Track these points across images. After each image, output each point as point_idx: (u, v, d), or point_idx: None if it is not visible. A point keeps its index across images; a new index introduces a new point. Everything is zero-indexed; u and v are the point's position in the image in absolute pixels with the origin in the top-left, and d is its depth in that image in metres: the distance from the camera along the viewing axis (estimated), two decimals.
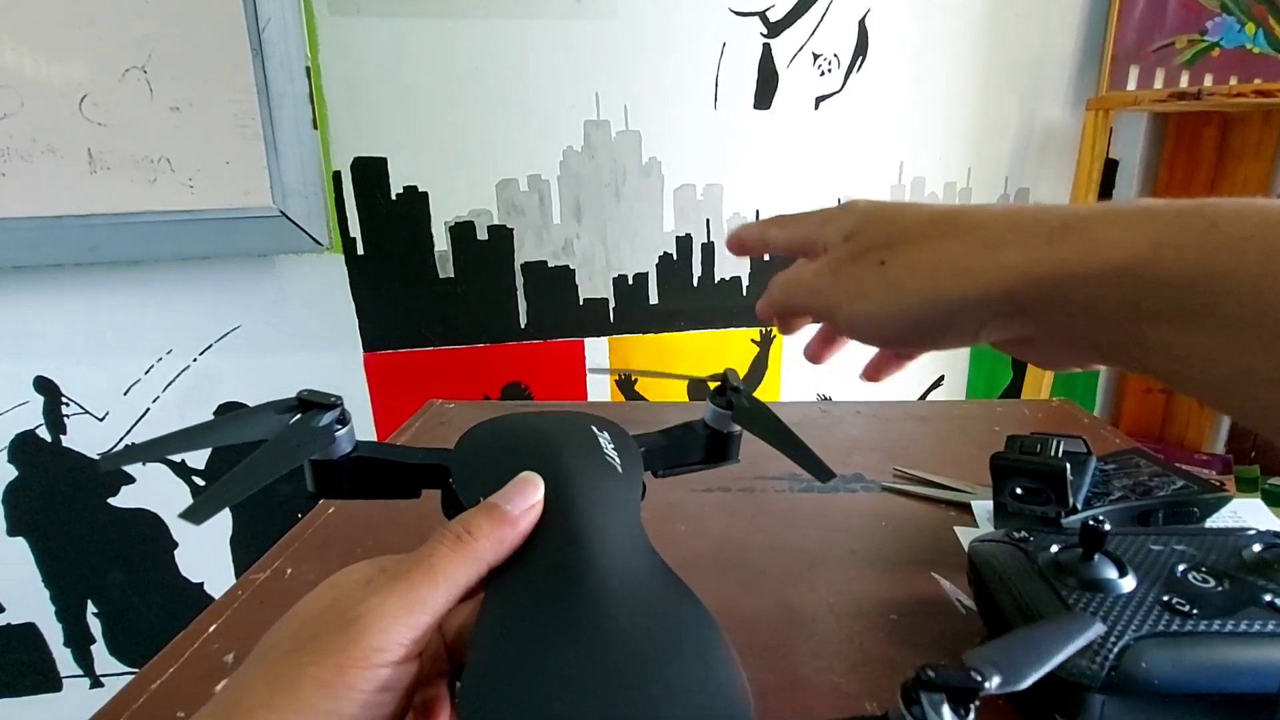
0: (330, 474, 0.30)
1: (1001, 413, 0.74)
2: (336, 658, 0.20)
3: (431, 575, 0.22)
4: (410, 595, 0.21)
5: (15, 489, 1.13)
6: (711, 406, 0.37)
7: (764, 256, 1.24)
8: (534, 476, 0.26)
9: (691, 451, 0.37)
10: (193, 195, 1.00)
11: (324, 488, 0.30)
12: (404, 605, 0.21)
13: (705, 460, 0.38)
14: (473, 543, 0.23)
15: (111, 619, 1.22)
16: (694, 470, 0.38)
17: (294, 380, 1.17)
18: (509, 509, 0.24)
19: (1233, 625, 0.29)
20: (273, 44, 0.97)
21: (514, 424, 0.32)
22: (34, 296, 1.06)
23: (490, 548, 0.23)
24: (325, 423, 0.28)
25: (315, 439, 0.28)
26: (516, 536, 0.24)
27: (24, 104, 0.93)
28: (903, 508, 0.54)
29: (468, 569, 0.23)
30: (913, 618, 0.40)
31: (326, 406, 0.28)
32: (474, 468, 0.29)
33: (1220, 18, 1.17)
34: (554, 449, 0.29)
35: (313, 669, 0.19)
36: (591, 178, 1.16)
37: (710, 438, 0.37)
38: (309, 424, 0.28)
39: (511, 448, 0.30)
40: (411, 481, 0.31)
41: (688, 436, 0.37)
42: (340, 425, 0.29)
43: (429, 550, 0.23)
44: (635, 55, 1.11)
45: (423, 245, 1.15)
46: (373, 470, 0.31)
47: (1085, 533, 0.33)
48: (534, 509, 0.25)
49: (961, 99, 1.21)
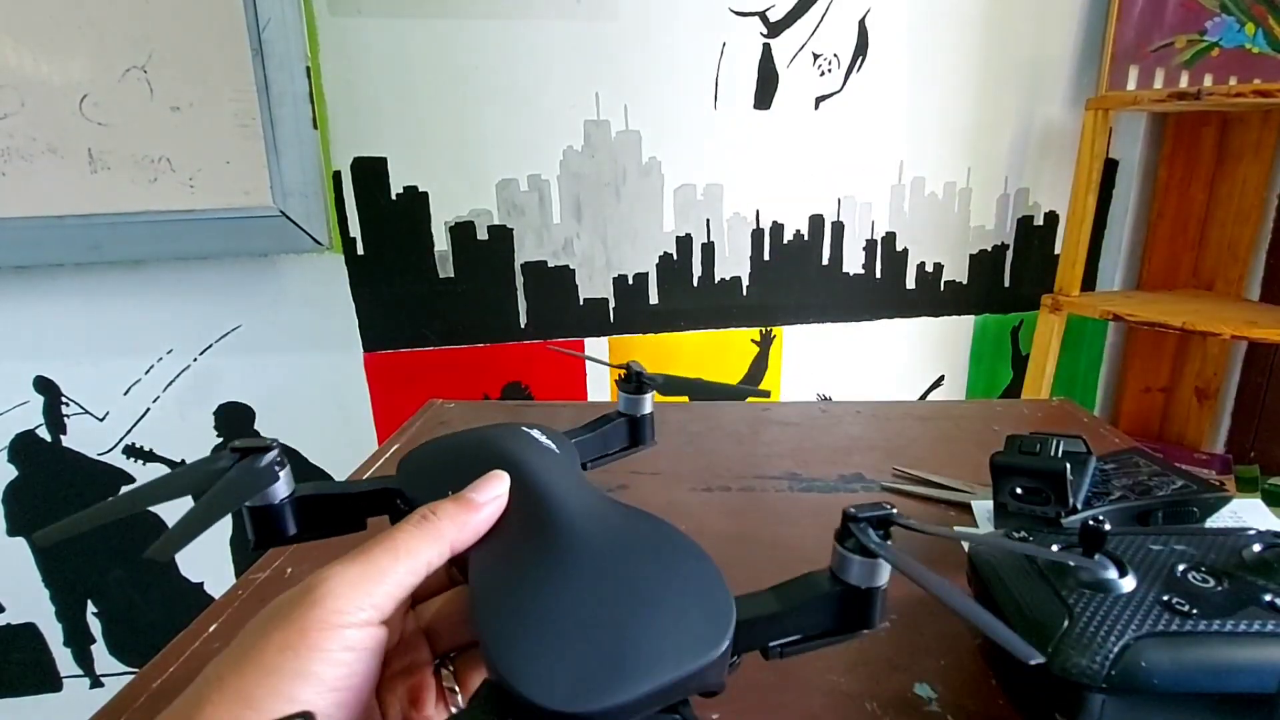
0: (272, 519, 0.30)
1: (1001, 412, 0.74)
2: (298, 621, 0.21)
3: (392, 548, 0.23)
4: (370, 565, 0.22)
5: (15, 489, 1.14)
6: (623, 394, 0.42)
7: (764, 256, 1.24)
8: (500, 473, 0.28)
9: (614, 440, 0.42)
10: (193, 195, 1.00)
11: (265, 535, 0.30)
12: (363, 574, 0.22)
13: (627, 446, 0.43)
14: (436, 521, 0.25)
15: (111, 619, 1.22)
16: (616, 458, 0.42)
17: (294, 380, 1.17)
18: (474, 496, 0.26)
19: (1233, 625, 0.29)
20: (273, 44, 0.97)
21: (454, 440, 0.34)
22: (34, 296, 1.06)
23: (452, 527, 0.25)
24: (266, 462, 0.29)
25: (261, 477, 0.29)
26: (480, 521, 0.26)
27: (24, 104, 0.93)
28: (903, 507, 0.54)
29: (429, 545, 0.24)
30: (913, 618, 0.40)
31: (264, 449, 0.29)
32: (427, 480, 0.30)
33: (1220, 18, 1.17)
34: (499, 446, 0.31)
35: (277, 635, 0.20)
36: (591, 177, 1.16)
37: (628, 423, 0.42)
38: (252, 465, 0.29)
39: (461, 455, 0.32)
40: (358, 511, 0.32)
41: (608, 427, 0.41)
42: (279, 466, 0.30)
43: (395, 529, 0.24)
44: (635, 55, 1.11)
45: (423, 245, 1.15)
46: (317, 507, 0.31)
47: (1085, 533, 0.33)
48: (499, 499, 0.27)
49: (961, 99, 1.21)
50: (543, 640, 0.21)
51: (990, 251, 1.31)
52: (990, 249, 1.31)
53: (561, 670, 0.20)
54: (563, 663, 0.20)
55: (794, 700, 0.34)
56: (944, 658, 0.37)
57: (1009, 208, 1.29)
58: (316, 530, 0.31)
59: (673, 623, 0.22)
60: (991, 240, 1.30)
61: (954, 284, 1.32)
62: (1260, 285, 1.30)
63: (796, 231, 1.24)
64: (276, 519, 0.30)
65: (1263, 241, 1.29)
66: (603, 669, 0.20)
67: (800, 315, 1.29)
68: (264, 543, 0.30)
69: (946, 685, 0.35)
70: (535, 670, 0.20)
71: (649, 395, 0.42)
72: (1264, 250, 1.29)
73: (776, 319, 1.28)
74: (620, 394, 0.42)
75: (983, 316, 1.35)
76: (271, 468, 0.29)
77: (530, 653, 0.20)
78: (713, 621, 0.23)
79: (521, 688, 0.19)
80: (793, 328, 1.29)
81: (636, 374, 0.42)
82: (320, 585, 0.22)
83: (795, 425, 0.72)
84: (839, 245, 1.26)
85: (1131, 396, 1.42)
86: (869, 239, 1.27)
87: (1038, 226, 1.31)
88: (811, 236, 1.25)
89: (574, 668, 0.20)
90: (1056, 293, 1.23)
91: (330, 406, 1.19)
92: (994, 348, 1.37)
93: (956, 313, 1.33)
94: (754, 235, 1.23)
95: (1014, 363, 1.38)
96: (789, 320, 1.29)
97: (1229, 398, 1.37)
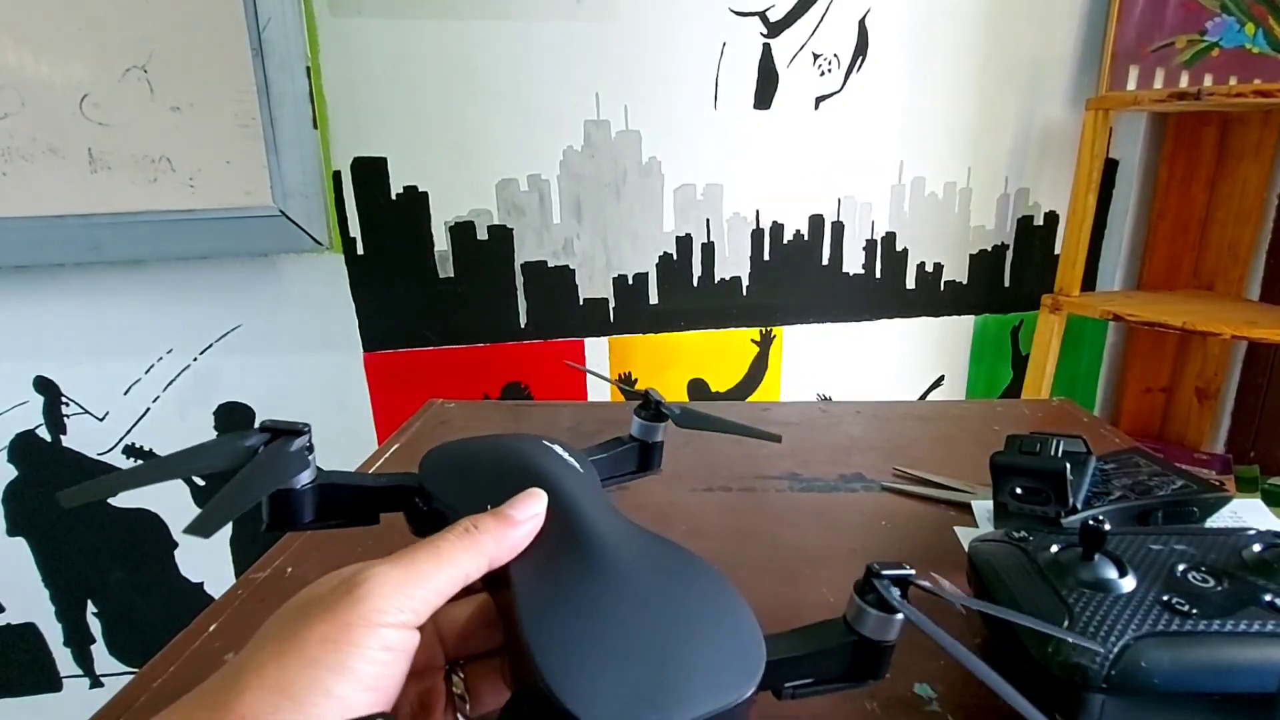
0: (291, 504, 0.29)
1: (1001, 412, 0.74)
2: (341, 616, 0.21)
3: (436, 555, 0.24)
4: (413, 569, 0.23)
5: (15, 489, 1.13)
6: (637, 420, 0.42)
7: (764, 256, 1.24)
8: (539, 491, 0.28)
9: (625, 463, 0.43)
10: (193, 195, 1.00)
11: (281, 519, 0.30)
12: (406, 576, 0.22)
13: (636, 470, 0.43)
14: (479, 535, 0.25)
15: (111, 619, 1.22)
16: (623, 480, 0.43)
17: (294, 380, 1.17)
18: (513, 514, 0.27)
19: (1233, 625, 0.29)
20: (273, 44, 0.97)
21: (480, 445, 0.34)
22: (34, 296, 1.06)
23: (493, 542, 0.25)
24: (298, 447, 0.29)
25: (293, 462, 0.29)
26: (519, 538, 0.26)
27: (24, 104, 0.93)
28: (903, 507, 0.54)
29: (470, 557, 0.24)
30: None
31: (295, 433, 0.29)
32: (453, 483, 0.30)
33: (1220, 18, 1.17)
34: (530, 460, 0.32)
35: (319, 626, 0.21)
36: (591, 177, 1.16)
37: (640, 449, 0.43)
38: (284, 449, 0.28)
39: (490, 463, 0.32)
40: (376, 505, 0.32)
41: (620, 450, 0.42)
42: (309, 451, 0.29)
43: (438, 537, 0.25)
44: (635, 55, 1.11)
45: (423, 245, 1.15)
46: (338, 495, 0.31)
47: (1085, 532, 0.33)
48: (537, 518, 0.27)
49: (961, 99, 1.21)
50: (590, 658, 0.21)
51: (990, 251, 1.31)
52: (990, 249, 1.31)
53: (605, 690, 0.21)
54: (607, 683, 0.21)
55: (794, 700, 0.34)
56: (944, 658, 0.37)
57: (1009, 208, 1.29)
58: (331, 519, 0.31)
59: (710, 658, 0.23)
60: (991, 240, 1.30)
61: (954, 284, 1.32)
62: (1260, 285, 1.30)
63: (796, 231, 1.24)
64: (296, 504, 0.30)
65: (1263, 241, 1.29)
66: (644, 695, 0.21)
67: (800, 315, 1.29)
68: (279, 525, 0.30)
69: (946, 685, 0.35)
70: (581, 686, 0.20)
71: (663, 424, 0.43)
72: (1264, 250, 1.29)
73: (776, 319, 1.28)
74: (635, 420, 0.43)
75: (983, 316, 1.35)
76: (303, 452, 0.29)
77: (577, 669, 0.21)
78: (745, 660, 0.23)
79: (567, 701, 0.20)
80: (793, 328, 1.29)
81: (656, 403, 0.42)
82: (364, 583, 0.22)
83: (795, 425, 0.72)
84: (839, 245, 1.26)
85: (1131, 396, 1.42)
86: (869, 239, 1.27)
87: (1038, 226, 1.31)
88: (811, 236, 1.25)
89: (617, 689, 0.21)
90: (1056, 293, 1.23)
91: (330, 406, 1.19)
92: (994, 348, 1.37)
93: (956, 313, 1.33)
94: (754, 235, 1.23)
95: (1014, 363, 1.38)
96: (789, 320, 1.29)
97: (1229, 398, 1.37)
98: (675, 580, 0.26)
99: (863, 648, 0.26)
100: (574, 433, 0.69)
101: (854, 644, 0.26)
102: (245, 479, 0.26)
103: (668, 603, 0.25)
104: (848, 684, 0.27)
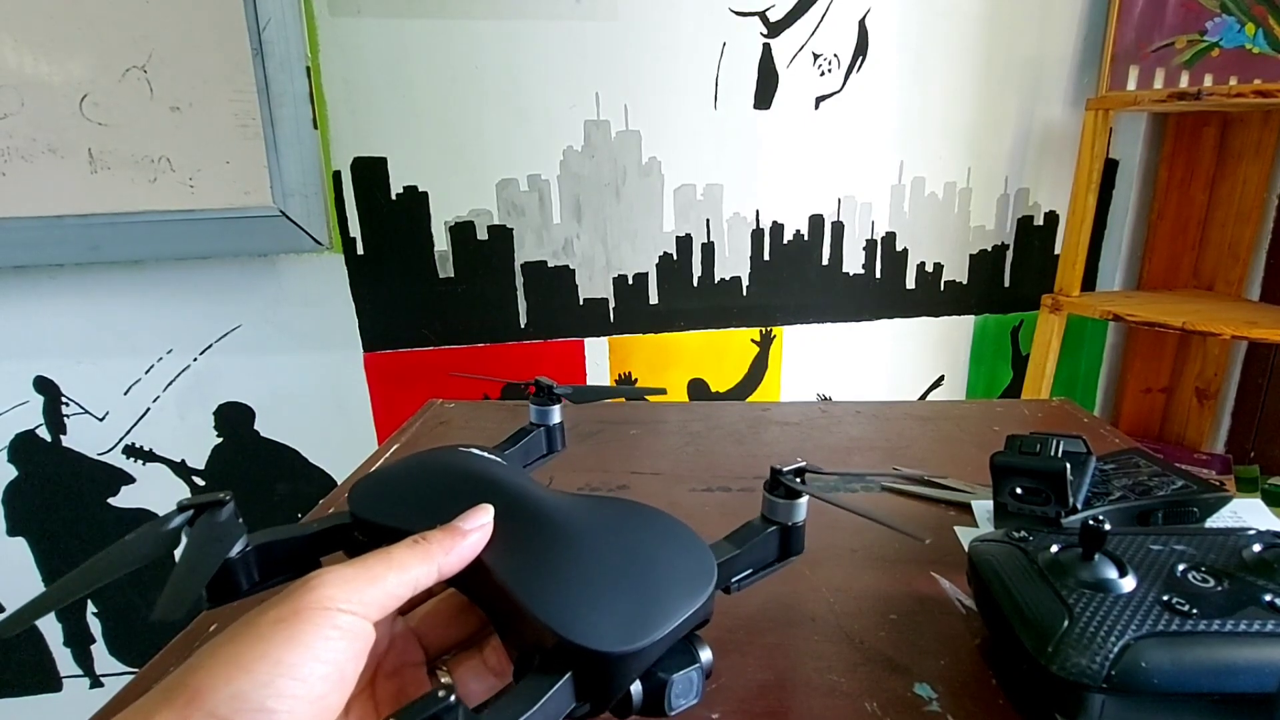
0: (232, 574, 0.29)
1: (1001, 412, 0.74)
2: (294, 603, 0.22)
3: (388, 560, 0.26)
4: (365, 570, 0.25)
5: (15, 489, 1.14)
6: (534, 407, 0.46)
7: (764, 256, 1.24)
8: (486, 506, 0.30)
9: (534, 450, 0.45)
10: (193, 195, 1.00)
11: (222, 592, 0.29)
12: (358, 574, 0.24)
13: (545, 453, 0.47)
14: (427, 545, 0.27)
15: (111, 619, 1.22)
16: (535, 465, 0.46)
17: (294, 380, 1.17)
18: (461, 525, 0.28)
19: (1232, 625, 0.29)
20: (273, 44, 0.97)
21: (406, 466, 0.35)
22: (34, 296, 1.06)
23: (440, 551, 0.27)
24: (227, 516, 0.29)
25: (230, 529, 0.29)
26: (468, 548, 0.28)
27: (24, 104, 0.93)
28: (903, 508, 0.54)
29: (419, 562, 0.26)
30: (912, 618, 0.40)
31: (218, 504, 0.29)
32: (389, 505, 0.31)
33: (1220, 18, 1.17)
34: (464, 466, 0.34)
35: (272, 612, 0.22)
36: (591, 178, 1.16)
37: (545, 432, 0.46)
38: (215, 520, 0.29)
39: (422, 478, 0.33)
40: (315, 550, 0.32)
41: (527, 439, 0.45)
42: (238, 516, 0.30)
43: (389, 547, 0.27)
44: (635, 55, 1.11)
45: (423, 245, 1.15)
46: (275, 553, 0.31)
47: (1085, 533, 0.33)
48: (485, 528, 0.29)
49: (961, 99, 1.21)
50: (583, 603, 0.26)
51: (990, 251, 1.31)
52: (990, 249, 1.31)
53: (606, 623, 0.25)
54: (606, 617, 0.25)
55: (794, 700, 0.34)
56: (944, 658, 0.37)
57: (1009, 208, 1.29)
58: (273, 576, 0.31)
59: (674, 574, 0.28)
60: (991, 240, 1.30)
61: (954, 284, 1.32)
62: (1260, 285, 1.30)
63: (796, 231, 1.24)
64: (235, 573, 0.29)
65: (1263, 242, 1.29)
66: (637, 617, 0.26)
67: (800, 315, 1.29)
68: (221, 598, 0.29)
69: (946, 685, 0.35)
70: (586, 626, 0.25)
71: (559, 406, 0.46)
72: (1264, 250, 1.29)
73: (776, 319, 1.28)
74: (532, 407, 0.46)
75: (983, 316, 1.35)
76: (235, 519, 0.29)
77: (579, 614, 0.25)
78: (701, 568, 0.29)
79: (581, 640, 0.24)
80: (793, 328, 1.29)
81: (547, 388, 0.46)
82: (316, 579, 0.23)
83: (795, 425, 0.72)
84: (839, 245, 1.26)
85: (1131, 397, 1.42)
86: (869, 239, 1.27)
87: (1038, 226, 1.31)
88: (811, 236, 1.25)
89: (615, 619, 0.25)
90: (1056, 293, 1.23)
91: (330, 406, 1.19)
92: (994, 348, 1.37)
93: (956, 313, 1.33)
94: (754, 235, 1.23)
95: (1014, 363, 1.38)
96: (789, 320, 1.29)
97: (1229, 398, 1.37)
98: (626, 523, 0.31)
99: (782, 533, 0.33)
100: (574, 433, 0.69)
101: (774, 532, 0.33)
102: (192, 555, 0.27)
103: (626, 542, 0.29)
104: (776, 565, 0.34)
